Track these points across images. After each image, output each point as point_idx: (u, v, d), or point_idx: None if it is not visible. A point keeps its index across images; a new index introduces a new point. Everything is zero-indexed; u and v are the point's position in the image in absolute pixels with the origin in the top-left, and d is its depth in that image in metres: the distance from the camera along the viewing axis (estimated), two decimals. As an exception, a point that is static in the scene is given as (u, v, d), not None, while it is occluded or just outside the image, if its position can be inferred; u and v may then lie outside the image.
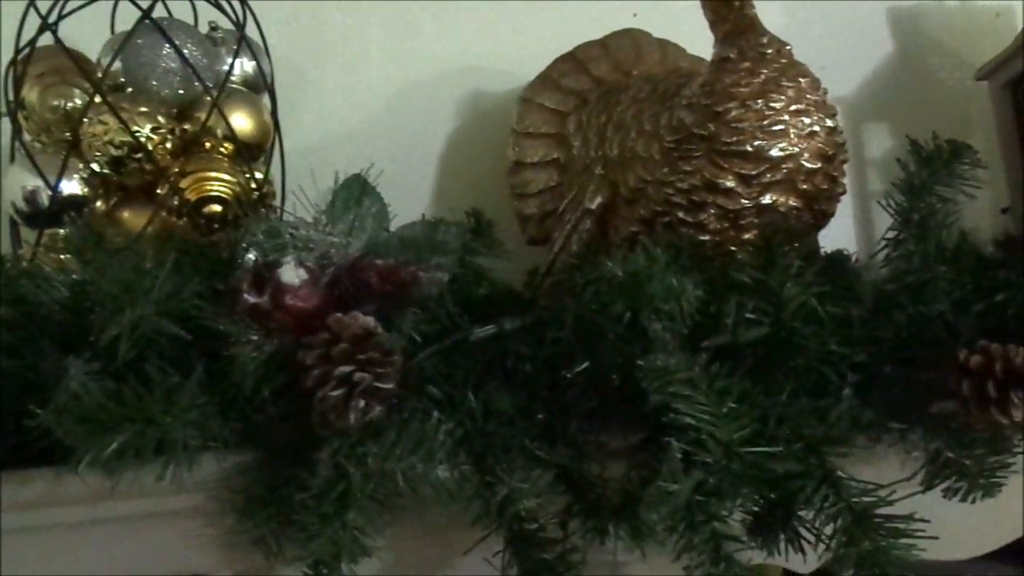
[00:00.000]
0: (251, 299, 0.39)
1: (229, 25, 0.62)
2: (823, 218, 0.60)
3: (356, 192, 0.44)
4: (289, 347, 0.41)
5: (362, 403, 0.39)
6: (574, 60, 0.79)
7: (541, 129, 0.77)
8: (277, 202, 0.65)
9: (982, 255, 0.61)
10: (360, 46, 0.90)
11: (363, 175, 0.47)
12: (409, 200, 0.88)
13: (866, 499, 0.45)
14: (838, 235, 0.92)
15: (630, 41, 0.80)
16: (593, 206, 0.64)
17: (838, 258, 0.62)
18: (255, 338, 0.40)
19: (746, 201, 0.56)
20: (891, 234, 0.59)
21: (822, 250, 0.60)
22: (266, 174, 0.60)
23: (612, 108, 0.68)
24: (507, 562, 0.43)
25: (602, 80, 0.77)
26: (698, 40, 0.68)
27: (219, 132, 0.58)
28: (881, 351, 0.53)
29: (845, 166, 0.60)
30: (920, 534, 0.45)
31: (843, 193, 0.61)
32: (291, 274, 0.39)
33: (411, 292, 0.41)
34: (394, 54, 0.90)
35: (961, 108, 1.00)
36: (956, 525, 0.60)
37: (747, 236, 0.57)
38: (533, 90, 0.79)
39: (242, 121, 0.59)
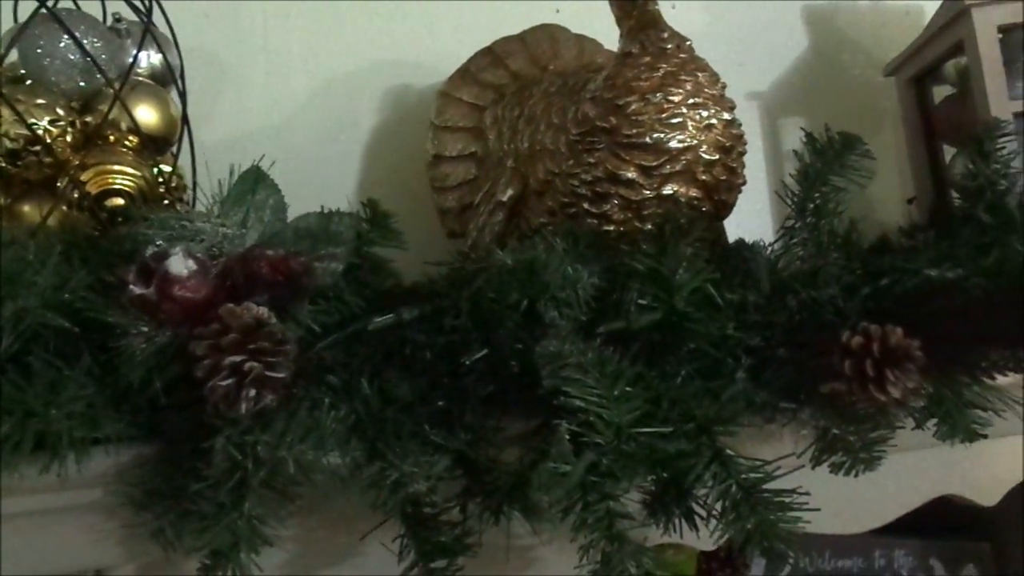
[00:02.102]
0: (137, 290, 0.39)
1: (135, 17, 0.61)
2: (724, 208, 0.62)
3: (252, 184, 0.44)
4: (183, 338, 0.41)
5: (253, 392, 0.39)
6: (492, 55, 0.80)
7: (459, 123, 0.77)
8: (188, 195, 0.64)
9: (887, 240, 0.65)
10: (281, 40, 0.90)
11: (259, 167, 0.47)
12: (331, 194, 0.87)
13: (753, 475, 0.47)
14: (754, 225, 0.96)
15: (548, 36, 0.81)
16: (505, 198, 0.65)
17: (739, 246, 0.64)
18: (145, 329, 0.40)
19: (648, 192, 0.58)
20: (788, 223, 0.61)
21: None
22: (174, 167, 0.59)
23: (525, 102, 0.70)
24: (405, 546, 0.44)
25: (519, 75, 0.78)
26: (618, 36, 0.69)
27: (124, 125, 0.57)
28: (775, 334, 0.55)
29: (745, 158, 0.62)
30: (804, 507, 0.47)
31: (743, 184, 0.63)
32: (179, 265, 0.39)
33: (304, 282, 0.41)
34: (316, 48, 0.90)
35: (872, 102, 1.04)
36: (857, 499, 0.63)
37: (650, 226, 0.58)
38: (452, 84, 0.80)
39: (147, 114, 0.58)
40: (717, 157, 0.59)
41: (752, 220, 1.01)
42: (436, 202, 0.78)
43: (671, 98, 0.57)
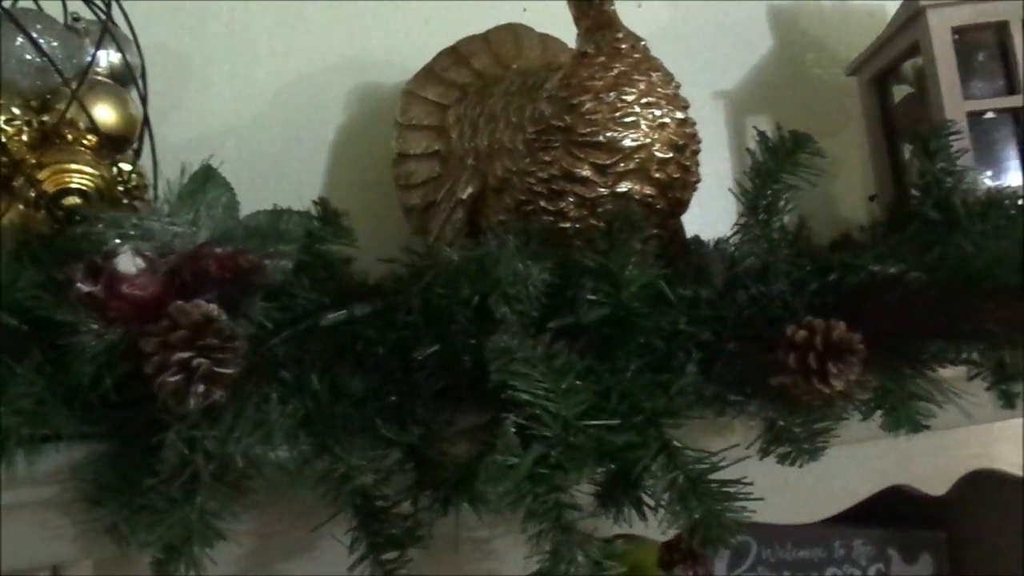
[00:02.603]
0: (85, 288, 0.39)
1: (94, 17, 0.62)
2: (679, 205, 0.63)
3: (204, 182, 0.45)
4: (133, 335, 0.42)
5: (202, 388, 0.40)
6: (456, 54, 0.81)
7: (423, 121, 0.78)
8: (150, 194, 0.65)
9: (848, 236, 0.66)
10: (247, 38, 0.90)
11: (210, 166, 0.47)
12: (298, 192, 0.88)
13: (699, 466, 0.48)
14: (720, 221, 0.97)
15: (512, 35, 0.82)
16: (465, 196, 0.66)
17: (695, 243, 0.65)
18: (95, 327, 0.41)
19: (603, 189, 0.59)
20: (742, 220, 0.62)
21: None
22: (134, 166, 0.60)
23: (485, 101, 0.70)
24: (356, 539, 0.45)
25: (482, 73, 0.79)
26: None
27: (82, 124, 0.58)
28: (726, 329, 0.56)
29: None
30: (749, 497, 0.48)
31: (697, 182, 0.64)
32: (127, 263, 0.40)
33: (253, 279, 0.42)
34: (282, 46, 0.90)
35: (836, 101, 1.06)
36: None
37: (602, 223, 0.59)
38: (416, 83, 0.80)
39: (106, 113, 0.59)
40: (671, 155, 0.60)
41: (718, 217, 1.02)
42: (401, 200, 0.79)
43: (624, 97, 0.58)
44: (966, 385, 0.60)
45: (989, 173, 0.85)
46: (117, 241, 0.40)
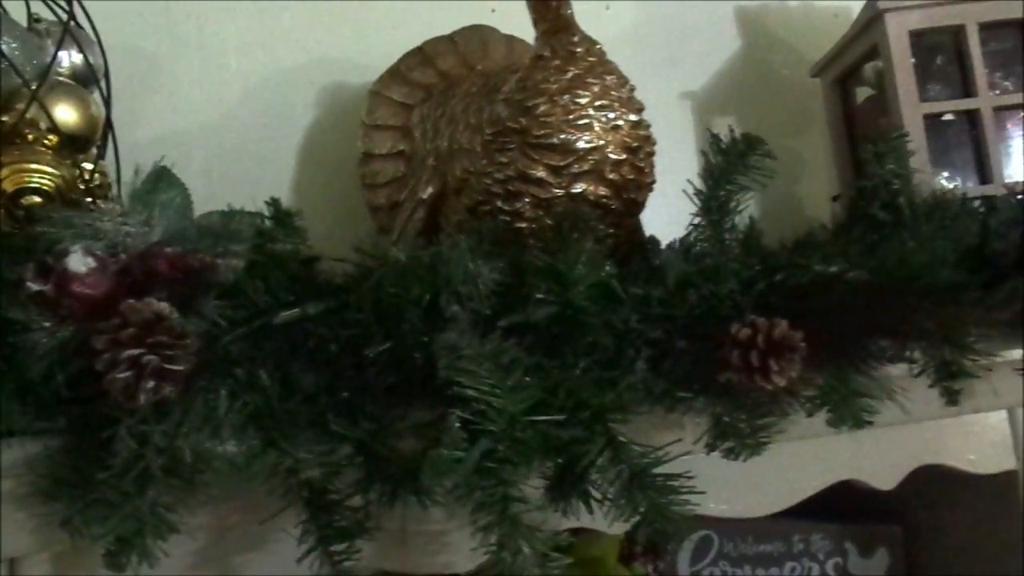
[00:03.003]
0: (35, 287, 0.40)
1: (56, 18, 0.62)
2: (634, 206, 0.64)
3: (158, 183, 0.46)
4: (85, 333, 0.43)
5: (151, 384, 0.41)
6: (422, 54, 0.82)
7: (389, 121, 0.79)
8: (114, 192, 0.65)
9: (813, 234, 0.67)
10: (217, 38, 0.91)
11: (165, 167, 0.48)
12: (266, 191, 0.89)
13: (643, 460, 0.50)
14: (685, 220, 0.98)
15: (478, 37, 0.83)
16: (425, 196, 0.67)
17: (649, 243, 0.67)
18: (47, 325, 0.42)
19: (557, 190, 0.60)
20: (695, 220, 0.64)
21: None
22: (96, 165, 0.60)
23: (447, 102, 0.71)
24: (306, 531, 0.46)
25: (448, 74, 0.80)
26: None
27: (43, 124, 0.58)
28: (676, 327, 0.57)
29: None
30: (692, 490, 0.50)
31: (652, 183, 0.65)
32: (78, 262, 0.41)
33: (204, 278, 0.43)
34: (251, 46, 0.91)
35: (802, 103, 1.08)
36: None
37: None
38: (382, 83, 0.81)
39: (67, 113, 0.59)
40: (624, 157, 0.61)
41: (685, 217, 1.04)
42: (367, 199, 0.80)
43: (578, 100, 0.59)
44: (912, 382, 0.62)
45: (946, 174, 0.87)
46: (69, 241, 0.41)
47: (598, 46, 0.63)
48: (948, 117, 0.88)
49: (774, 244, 0.64)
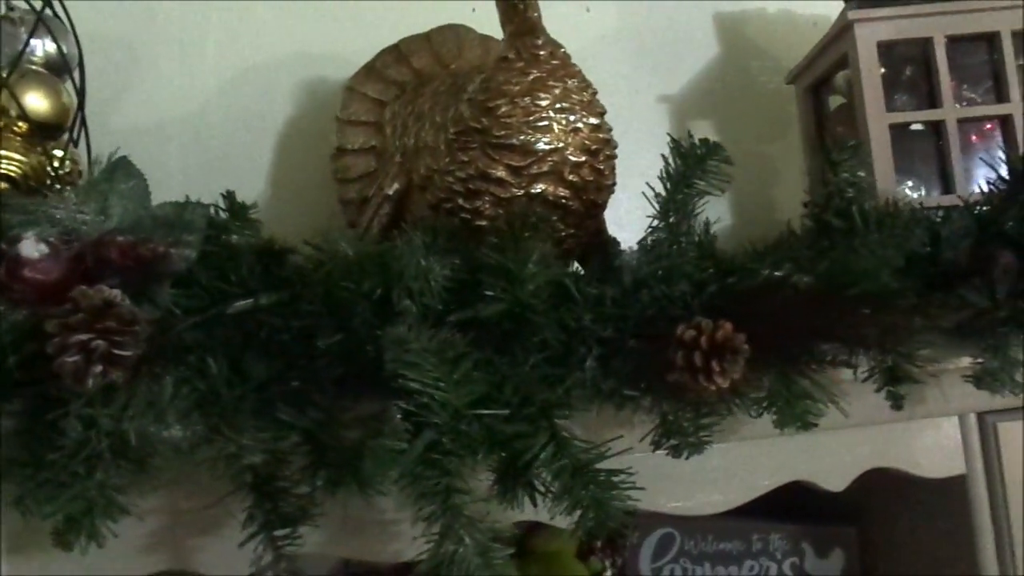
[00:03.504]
0: (-13, 271, 0.41)
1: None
2: (594, 207, 0.65)
3: (117, 172, 0.47)
4: (38, 318, 0.44)
5: (99, 368, 0.42)
6: (398, 52, 0.83)
7: (362, 117, 0.80)
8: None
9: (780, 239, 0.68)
10: (197, 29, 0.92)
11: (125, 156, 0.49)
12: (244, 183, 0.91)
13: (586, 456, 0.51)
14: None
15: (453, 36, 0.84)
16: (391, 192, 0.68)
17: (609, 243, 0.68)
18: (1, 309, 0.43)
19: (517, 190, 0.61)
20: (654, 223, 0.65)
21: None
22: (66, 153, 0.61)
23: (417, 100, 0.73)
24: (250, 516, 0.47)
25: (422, 72, 0.81)
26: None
27: (13, 112, 0.59)
28: (628, 326, 0.59)
29: (615, 161, 0.66)
30: (632, 486, 0.51)
31: (612, 185, 0.66)
32: (30, 249, 0.42)
33: (156, 267, 0.44)
34: (232, 39, 0.92)
35: (779, 109, 1.09)
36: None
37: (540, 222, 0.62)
38: (357, 79, 0.82)
39: (38, 101, 0.60)
40: (584, 159, 0.62)
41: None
42: (338, 194, 0.81)
43: (539, 102, 0.60)
44: (863, 386, 0.63)
45: (910, 183, 0.88)
46: (22, 227, 0.42)
47: (562, 49, 0.64)
48: (917, 127, 0.90)
49: (746, 247, 0.66)
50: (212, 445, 0.44)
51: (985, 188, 0.69)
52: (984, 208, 0.67)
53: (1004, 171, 0.68)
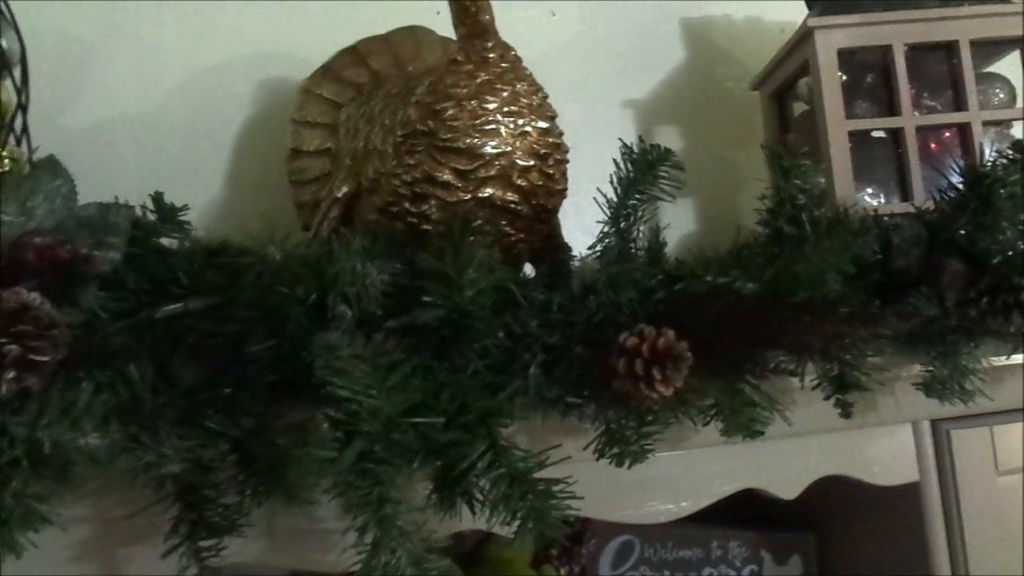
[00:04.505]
0: None
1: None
2: (544, 212, 0.65)
3: (43, 172, 0.46)
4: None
5: (12, 374, 0.41)
6: (355, 53, 0.82)
7: (318, 119, 0.79)
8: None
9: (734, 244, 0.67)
10: (154, 28, 0.90)
11: (53, 156, 0.48)
12: (201, 184, 0.90)
13: (523, 465, 0.50)
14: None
15: (413, 38, 0.84)
16: (339, 195, 0.67)
17: (560, 249, 0.68)
18: (-87, 312, 0.41)
19: (464, 194, 0.60)
20: (604, 228, 0.64)
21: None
22: (3, 150, 0.60)
23: (369, 102, 0.72)
24: (174, 525, 0.46)
25: (379, 74, 0.80)
26: (509, 41, 0.70)
27: (-53, 109, 0.58)
28: (575, 333, 0.58)
29: (566, 166, 0.65)
30: (571, 496, 0.50)
31: (563, 190, 0.66)
32: (-57, 250, 0.41)
33: (78, 269, 0.43)
34: (190, 38, 0.91)
35: (745, 115, 1.08)
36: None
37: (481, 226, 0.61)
38: (314, 80, 0.81)
39: (-30, 98, 0.59)
40: (532, 163, 0.62)
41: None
42: (294, 196, 0.80)
43: (486, 105, 0.60)
44: (816, 394, 0.63)
45: (870, 191, 0.88)
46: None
47: (513, 52, 0.63)
48: (879, 134, 0.90)
49: (695, 253, 0.65)
50: (131, 454, 0.43)
51: (937, 196, 0.69)
52: (935, 216, 0.67)
53: (956, 179, 0.68)
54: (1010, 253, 0.61)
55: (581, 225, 0.74)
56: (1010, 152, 0.69)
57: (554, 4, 1.04)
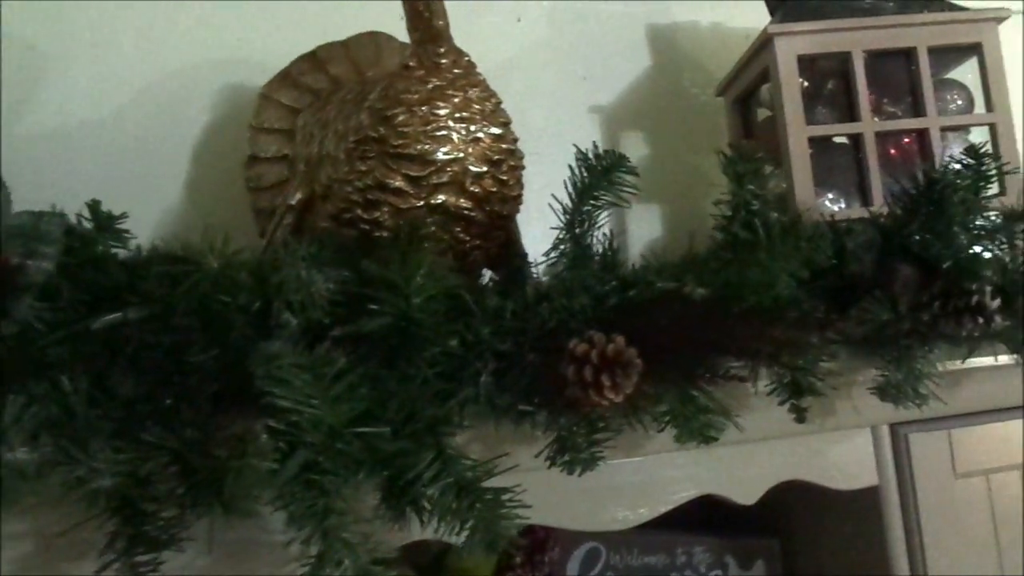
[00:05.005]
0: None
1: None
2: (499, 218, 0.64)
3: (-25, 181, 0.45)
4: None
5: (-63, 387, 0.40)
6: (314, 59, 0.81)
7: (276, 125, 0.79)
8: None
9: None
10: (111, 33, 0.89)
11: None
12: (159, 191, 0.89)
13: (471, 474, 0.50)
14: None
15: (372, 43, 0.83)
16: (293, 201, 0.66)
17: (516, 256, 0.67)
18: None
19: (416, 201, 0.60)
20: (560, 235, 0.64)
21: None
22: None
23: (325, 107, 0.71)
24: (111, 539, 0.45)
25: (338, 80, 0.79)
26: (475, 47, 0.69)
27: None
28: (527, 340, 0.57)
29: (520, 172, 0.65)
30: (520, 504, 0.50)
31: (518, 196, 0.65)
32: None
33: (8, 279, 0.42)
34: (147, 44, 0.90)
35: (710, 121, 1.09)
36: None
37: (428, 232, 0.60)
38: (272, 87, 0.81)
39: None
40: (486, 169, 0.61)
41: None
42: (252, 202, 0.79)
43: (437, 112, 0.59)
44: (771, 399, 0.63)
45: (831, 196, 0.88)
46: None
47: (466, 58, 0.63)
48: (841, 140, 0.90)
49: (647, 260, 0.65)
50: (62, 468, 0.42)
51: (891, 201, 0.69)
52: (889, 221, 0.68)
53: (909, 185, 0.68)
54: (961, 257, 0.62)
55: (548, 231, 0.74)
56: (963, 157, 0.69)
57: (520, 9, 1.04)
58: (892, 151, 0.88)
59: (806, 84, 0.91)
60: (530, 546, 0.81)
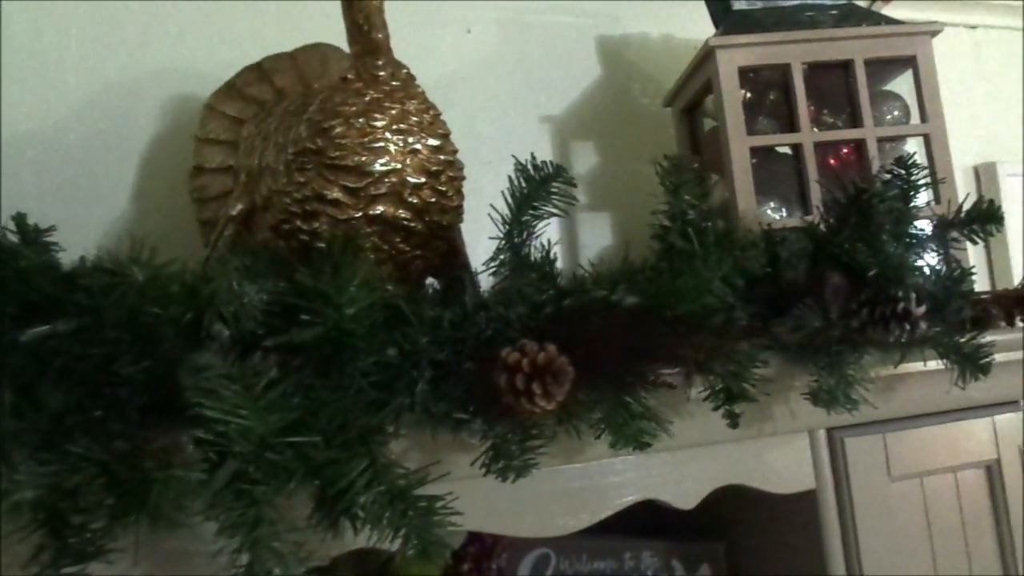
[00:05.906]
0: None
1: None
2: (439, 228, 0.65)
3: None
4: None
5: None
6: (260, 70, 0.82)
7: (221, 136, 0.79)
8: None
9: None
10: (56, 42, 0.89)
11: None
12: (105, 203, 0.88)
13: (403, 482, 0.50)
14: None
15: (319, 55, 0.84)
16: (234, 212, 0.66)
17: (456, 265, 0.68)
18: None
19: (355, 212, 0.61)
20: (500, 244, 0.65)
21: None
22: None
23: (268, 119, 0.71)
24: (38, 551, 0.45)
25: (284, 91, 0.80)
26: (425, 58, 0.69)
27: None
28: (465, 349, 0.58)
29: (460, 183, 0.66)
30: (452, 512, 0.51)
31: (458, 207, 0.66)
32: None
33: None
34: (93, 52, 0.90)
35: (659, 131, 1.11)
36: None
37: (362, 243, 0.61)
38: (217, 97, 0.81)
39: None
40: (424, 180, 0.62)
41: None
42: (196, 213, 0.79)
43: (374, 123, 0.60)
44: (708, 405, 0.64)
45: (772, 204, 0.91)
46: None
47: (405, 71, 0.64)
48: (784, 150, 0.92)
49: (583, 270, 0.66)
50: (-14, 481, 0.42)
51: (822, 211, 0.71)
52: (823, 230, 0.69)
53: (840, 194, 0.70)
54: (887, 265, 0.63)
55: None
56: (893, 167, 0.72)
57: (471, 21, 1.05)
58: (832, 161, 0.91)
59: (748, 95, 0.93)
60: (477, 553, 0.81)
